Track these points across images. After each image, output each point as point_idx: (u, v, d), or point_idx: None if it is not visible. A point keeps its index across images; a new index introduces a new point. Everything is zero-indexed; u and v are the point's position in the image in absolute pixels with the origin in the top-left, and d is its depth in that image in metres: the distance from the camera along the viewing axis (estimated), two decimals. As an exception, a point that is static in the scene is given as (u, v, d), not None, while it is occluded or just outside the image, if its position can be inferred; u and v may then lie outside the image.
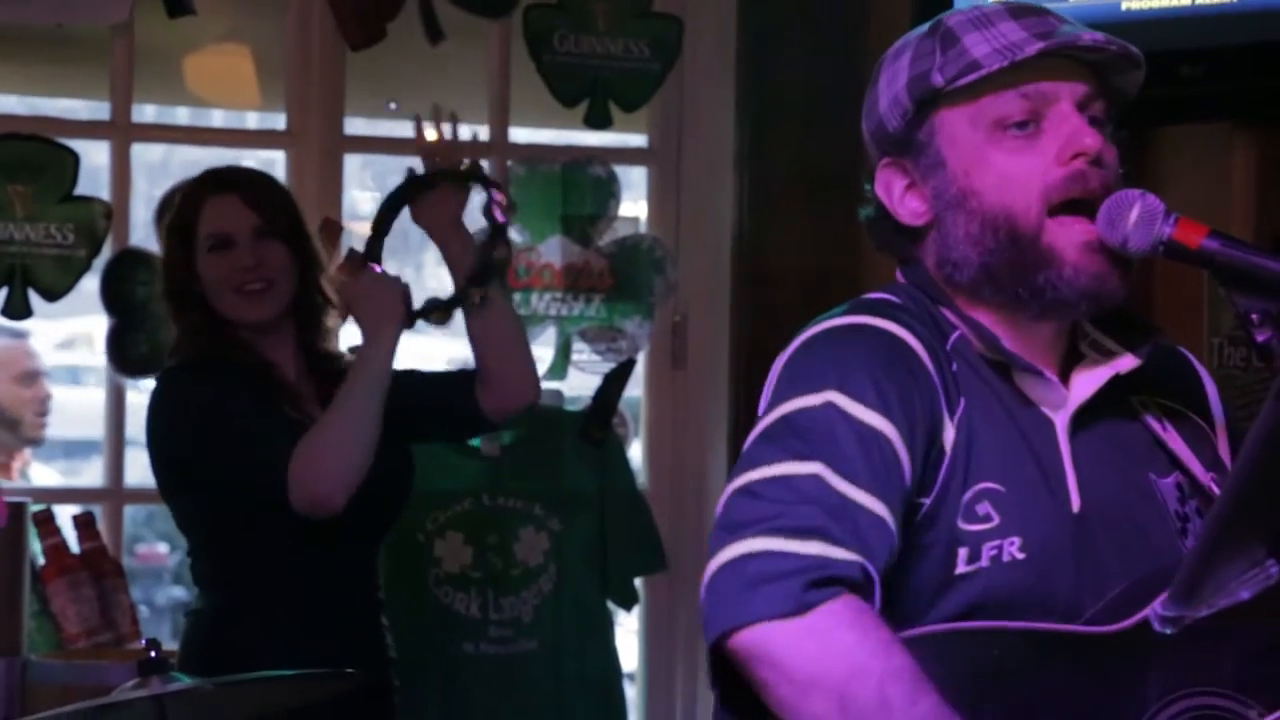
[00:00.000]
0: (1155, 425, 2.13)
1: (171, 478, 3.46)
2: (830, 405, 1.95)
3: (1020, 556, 1.98)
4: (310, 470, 3.28)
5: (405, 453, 3.55)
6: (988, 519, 1.99)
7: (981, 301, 2.08)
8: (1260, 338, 1.92)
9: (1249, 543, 1.86)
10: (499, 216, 3.55)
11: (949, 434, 2.00)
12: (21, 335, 5.32)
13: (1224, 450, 2.19)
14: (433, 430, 3.64)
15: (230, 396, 3.38)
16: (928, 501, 1.98)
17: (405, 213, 3.60)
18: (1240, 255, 1.94)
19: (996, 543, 1.98)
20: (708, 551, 1.91)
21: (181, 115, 5.83)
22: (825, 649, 1.84)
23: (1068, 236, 2.03)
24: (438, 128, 3.61)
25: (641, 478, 4.52)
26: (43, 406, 5.17)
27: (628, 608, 4.37)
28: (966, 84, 2.04)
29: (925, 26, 2.12)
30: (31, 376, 5.26)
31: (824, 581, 1.85)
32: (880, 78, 2.13)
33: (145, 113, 5.57)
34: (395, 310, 3.42)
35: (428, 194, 3.56)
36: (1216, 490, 2.09)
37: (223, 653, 3.38)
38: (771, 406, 1.99)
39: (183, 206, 3.51)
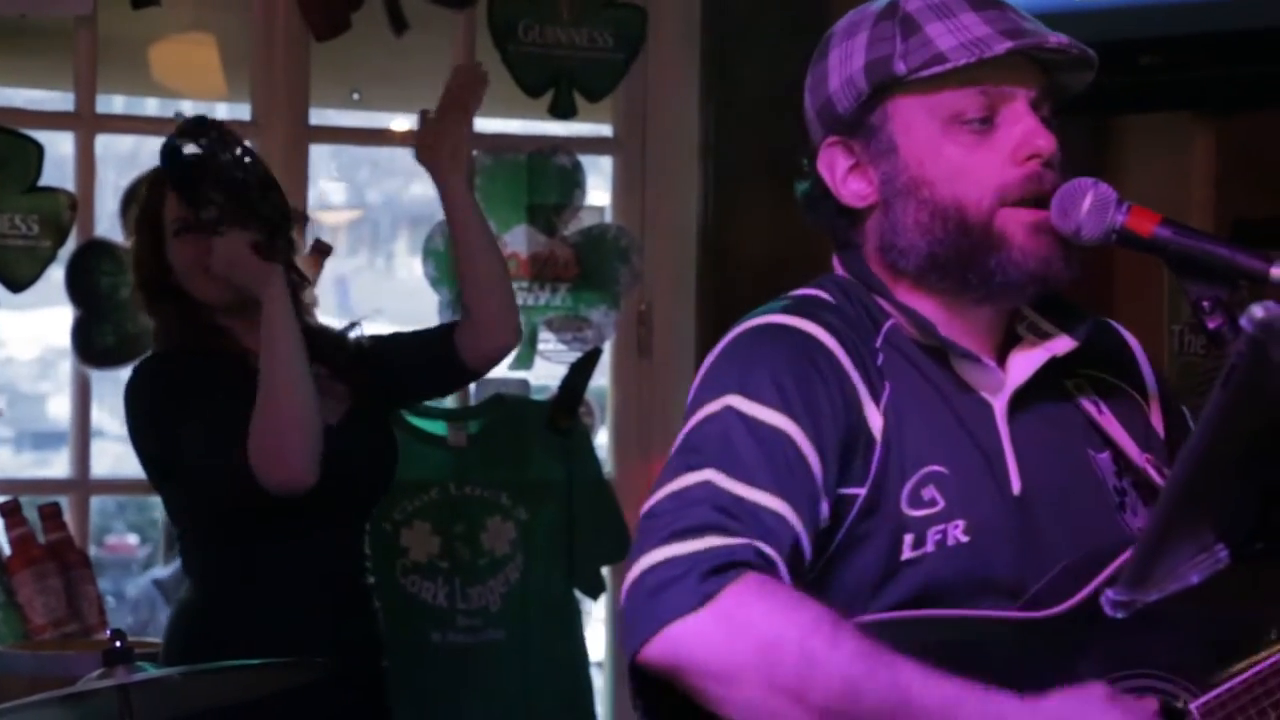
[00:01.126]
0: (1089, 405, 2.15)
1: (150, 469, 3.47)
2: (728, 409, 1.96)
3: (964, 540, 2.00)
4: (271, 454, 3.28)
5: (387, 433, 3.58)
6: (933, 503, 2.00)
7: (924, 288, 2.09)
8: (1212, 324, 1.94)
9: (1199, 527, 1.88)
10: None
11: (875, 421, 2.01)
12: None
13: (1157, 420, 2.21)
14: (419, 387, 3.71)
15: (199, 387, 3.38)
16: (863, 491, 1.99)
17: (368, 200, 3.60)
18: (1192, 243, 1.97)
19: (941, 527, 2.00)
20: None
21: (151, 107, 5.83)
22: (735, 631, 1.84)
23: (1017, 218, 2.05)
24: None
25: (608, 467, 4.53)
26: None
27: (595, 596, 4.38)
28: (929, 76, 2.05)
29: (879, 5, 2.11)
30: None
31: (719, 569, 1.85)
32: (830, 53, 2.12)
33: (114, 104, 5.57)
34: (258, 264, 3.36)
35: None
36: (1151, 470, 2.12)
37: (206, 643, 3.38)
38: (688, 415, 2.01)
39: (148, 196, 3.52)
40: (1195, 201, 3.81)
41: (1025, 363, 2.10)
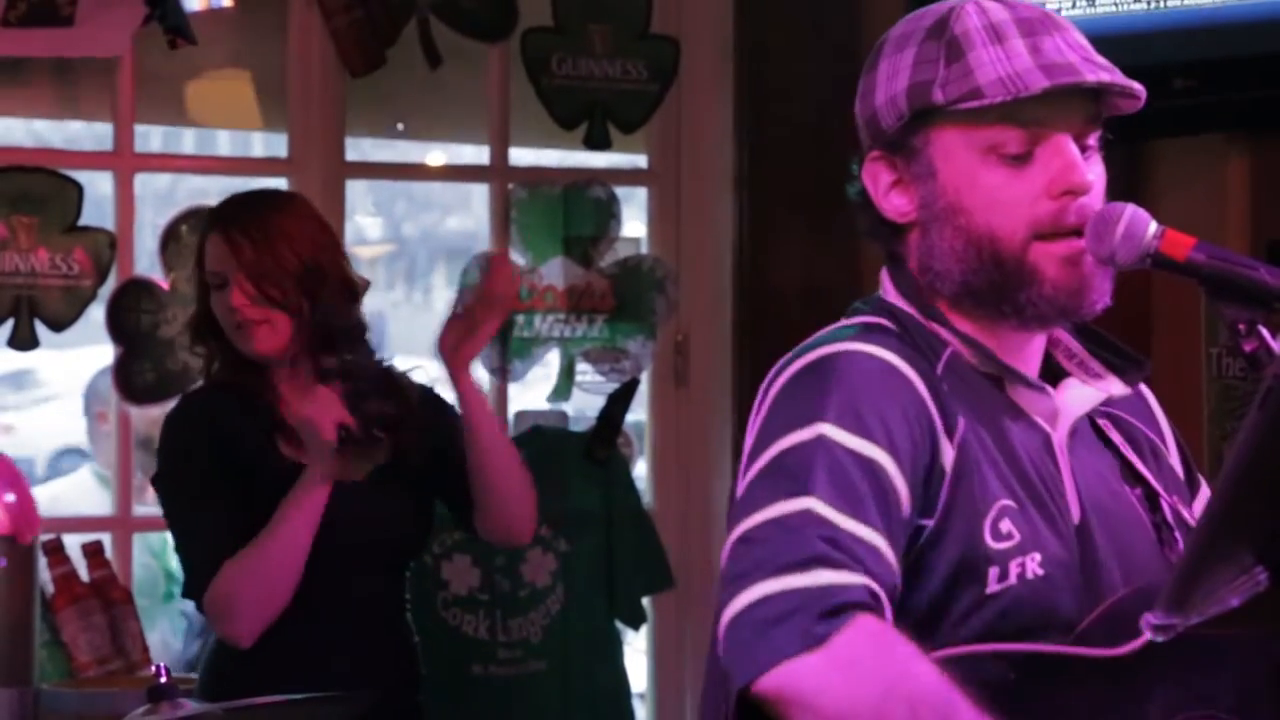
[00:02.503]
0: (1119, 443, 2.16)
1: None
2: (821, 438, 1.94)
3: (1041, 573, 2.00)
4: (225, 604, 3.33)
5: (418, 496, 3.53)
6: (1010, 536, 2.00)
7: (960, 312, 2.10)
8: (1248, 347, 1.94)
9: (1237, 550, 1.87)
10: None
11: (948, 455, 2.00)
12: None
13: (1175, 464, 2.22)
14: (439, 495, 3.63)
15: (205, 458, 3.39)
16: (931, 523, 1.98)
17: (413, 235, 3.60)
18: (1226, 266, 1.96)
19: (1020, 560, 2.00)
20: (717, 606, 1.91)
21: (188, 139, 5.87)
22: (850, 679, 1.83)
23: (1050, 252, 2.05)
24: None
25: (647, 497, 4.54)
26: None
27: (636, 627, 4.39)
28: (965, 109, 2.05)
29: (934, 16, 2.10)
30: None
31: (835, 610, 1.85)
32: (880, 65, 2.12)
33: (151, 136, 5.61)
34: (329, 441, 3.30)
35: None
36: (1181, 508, 2.13)
37: (238, 684, 3.38)
38: (762, 441, 1.98)
39: (198, 243, 3.54)
40: (1230, 224, 3.81)
41: (1079, 397, 2.12)
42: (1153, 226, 2.01)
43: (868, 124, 2.13)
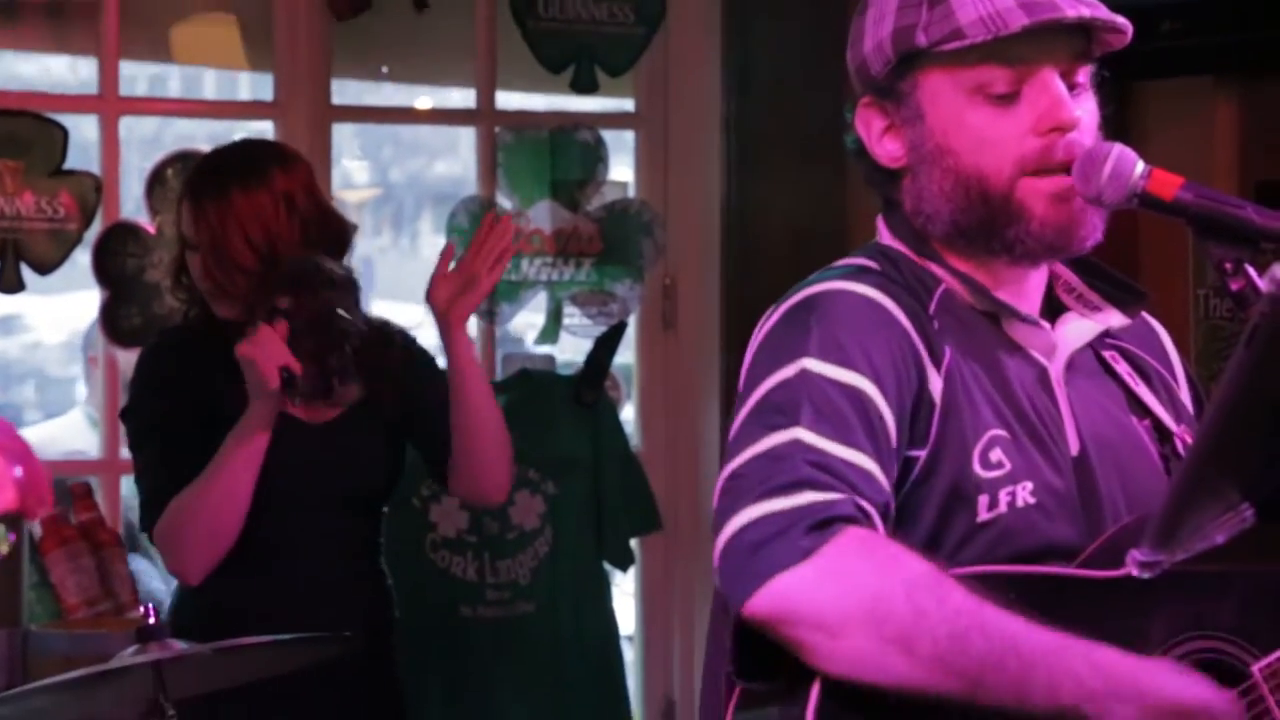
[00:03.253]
0: (1126, 376, 2.17)
1: None
2: (804, 372, 1.97)
3: (1032, 501, 2.02)
4: (171, 540, 3.35)
5: (386, 439, 3.52)
6: (1000, 465, 2.01)
7: (954, 252, 2.11)
8: (1235, 286, 1.94)
9: (1224, 486, 1.89)
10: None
11: (936, 384, 2.02)
12: None
13: (1186, 397, 2.23)
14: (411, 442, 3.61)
15: (169, 396, 3.40)
16: (923, 454, 2.00)
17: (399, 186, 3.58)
18: (1214, 205, 1.97)
19: (1010, 488, 2.01)
20: (714, 538, 1.93)
21: (174, 83, 5.84)
22: (842, 585, 1.85)
23: (1037, 188, 2.06)
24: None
25: (635, 440, 4.55)
26: None
27: (624, 568, 4.40)
28: (949, 50, 2.05)
29: None
30: None
31: (820, 524, 1.87)
32: (867, 11, 2.14)
33: (137, 80, 5.58)
34: (266, 379, 3.26)
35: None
36: (1187, 440, 2.13)
37: (209, 626, 3.39)
38: (750, 383, 2.01)
39: (178, 202, 3.54)
40: (1218, 165, 3.81)
41: (1077, 330, 2.13)
42: (1140, 166, 2.01)
43: (858, 71, 2.15)
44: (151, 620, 2.92)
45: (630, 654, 4.58)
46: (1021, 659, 1.85)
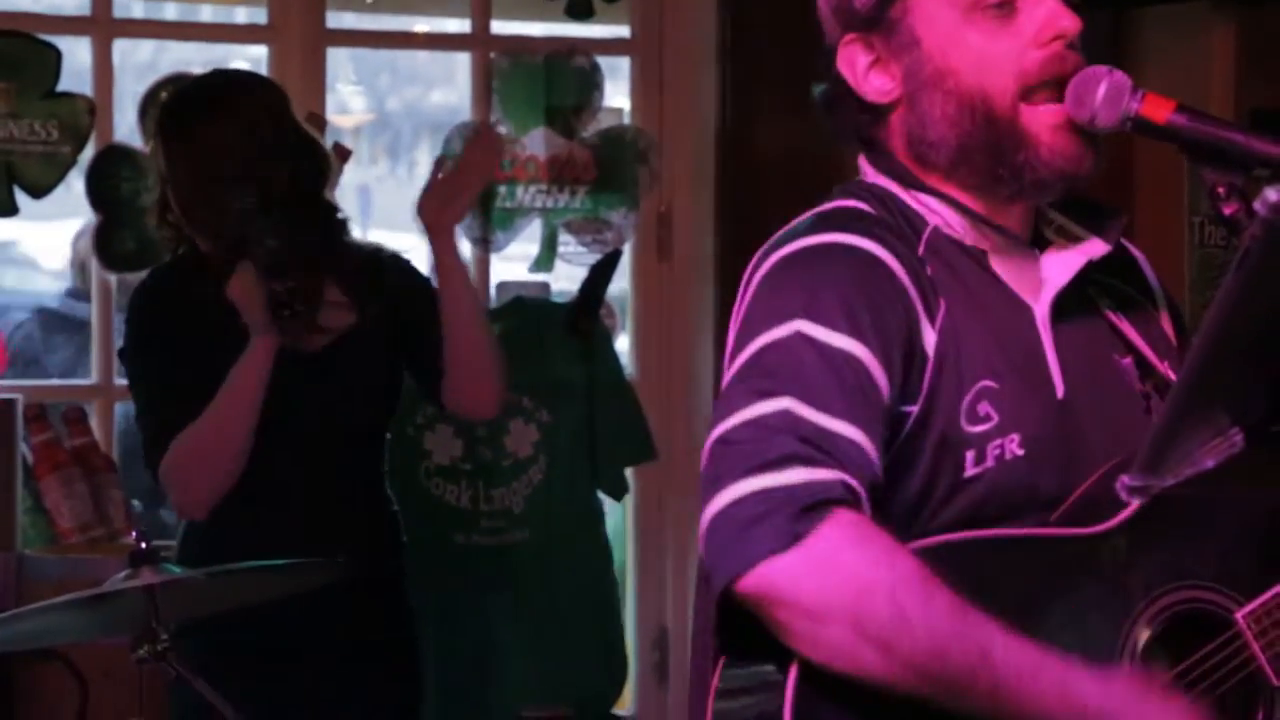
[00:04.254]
0: (1109, 312, 2.15)
1: None
2: (797, 334, 1.94)
3: (1020, 453, 2.00)
4: (176, 475, 3.36)
5: (383, 363, 3.54)
6: (988, 419, 1.99)
7: (955, 182, 2.07)
8: (1227, 210, 1.93)
9: (1214, 412, 1.88)
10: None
11: (930, 338, 1.99)
12: None
13: (1167, 327, 2.21)
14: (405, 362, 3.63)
15: (165, 334, 3.42)
16: (915, 409, 1.98)
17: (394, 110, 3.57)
18: (1207, 129, 1.95)
19: (999, 441, 1.99)
20: (700, 507, 1.92)
21: (170, 11, 5.81)
22: (829, 574, 1.84)
23: (1040, 119, 2.03)
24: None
25: (629, 369, 4.54)
26: None
27: (618, 497, 4.40)
28: None
29: None
30: None
31: (811, 507, 1.85)
32: None
33: (133, 8, 5.56)
34: (259, 314, 3.32)
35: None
36: (1171, 374, 2.11)
37: (218, 553, 3.41)
38: (742, 339, 1.98)
39: (155, 145, 3.54)
40: (1214, 91, 3.79)
41: (1061, 264, 2.09)
42: (1133, 89, 1.99)
43: (837, 10, 2.10)
44: (144, 545, 2.93)
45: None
46: (994, 676, 1.84)
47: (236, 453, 3.33)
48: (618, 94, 4.69)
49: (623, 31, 4.68)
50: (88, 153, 4.18)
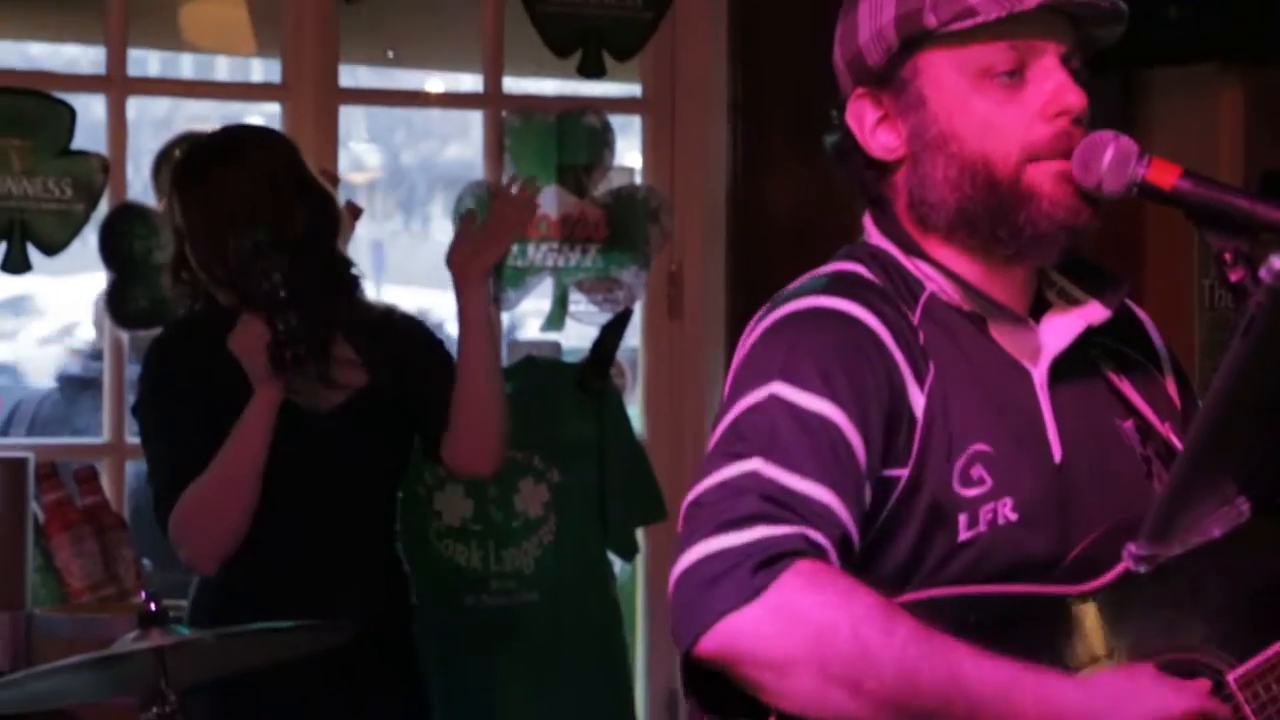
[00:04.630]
0: (1111, 374, 2.15)
1: None
2: (772, 397, 1.95)
3: (1014, 517, 2.00)
4: (185, 529, 3.36)
5: (392, 426, 3.54)
6: (981, 482, 2.00)
7: (955, 245, 2.08)
8: (1234, 277, 1.93)
9: (1220, 480, 1.88)
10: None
11: (918, 402, 2.00)
12: None
13: (1172, 390, 2.21)
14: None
15: (178, 390, 3.42)
16: (904, 472, 1.98)
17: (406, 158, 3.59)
18: (1213, 195, 1.96)
19: (991, 505, 1.99)
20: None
21: (186, 66, 5.85)
22: (788, 622, 1.84)
23: (1043, 170, 2.03)
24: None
25: (640, 428, 4.54)
26: None
27: (629, 558, 4.39)
28: (959, 30, 2.03)
29: None
30: None
31: (770, 560, 1.85)
32: (860, 5, 2.10)
33: (149, 61, 5.59)
34: (261, 366, 3.32)
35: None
36: (1173, 438, 2.11)
37: (228, 613, 3.41)
38: (725, 405, 2.00)
39: (170, 199, 3.54)
40: (1223, 154, 3.79)
41: (1061, 329, 2.09)
42: (1140, 154, 2.00)
43: (850, 64, 2.11)
44: (153, 607, 2.93)
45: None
46: (969, 698, 1.84)
47: (243, 506, 3.33)
48: (629, 152, 4.71)
49: (634, 90, 4.70)
50: (101, 210, 4.19)
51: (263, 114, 4.72)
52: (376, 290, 3.64)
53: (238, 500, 3.33)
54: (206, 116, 6.15)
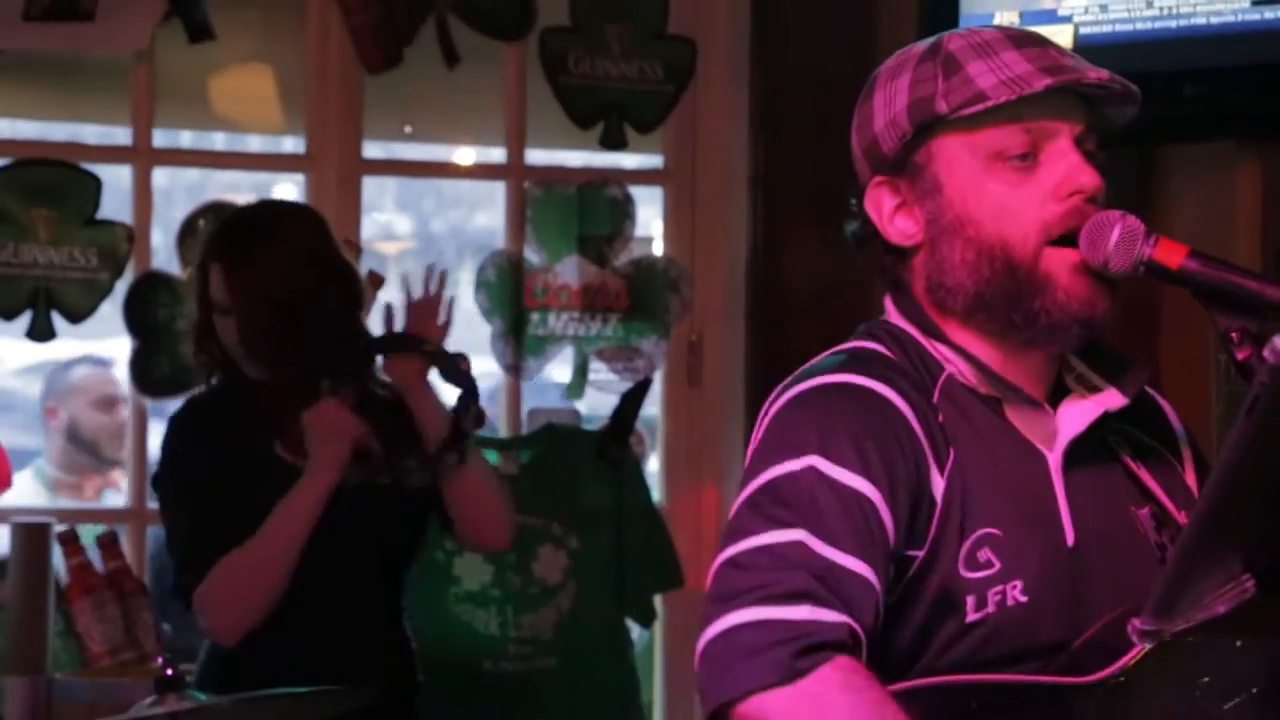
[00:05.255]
0: (1129, 461, 2.16)
1: None
2: (811, 469, 1.96)
3: (1023, 600, 2.01)
4: (213, 602, 3.38)
5: (412, 504, 3.55)
6: (989, 565, 2.01)
7: (973, 328, 2.10)
8: (1240, 356, 1.95)
9: (1224, 557, 1.89)
10: (464, 384, 3.46)
11: (938, 486, 2.02)
12: (105, 363, 5.43)
13: (1191, 480, 2.21)
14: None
15: (200, 461, 3.43)
16: (921, 553, 2.00)
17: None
18: (1220, 275, 1.97)
19: (1000, 587, 2.01)
20: (700, 622, 1.93)
21: (218, 140, 5.89)
22: (820, 715, 1.86)
23: (1060, 259, 2.05)
24: (426, 287, 3.62)
25: (659, 495, 4.56)
26: (120, 432, 5.25)
27: (647, 625, 4.40)
28: (970, 114, 2.05)
29: (923, 46, 2.13)
30: (110, 402, 5.36)
31: (814, 647, 1.87)
32: (875, 95, 2.13)
33: (181, 139, 5.64)
34: (343, 451, 3.39)
35: (397, 355, 3.53)
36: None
37: (227, 680, 3.42)
38: (755, 467, 2.00)
39: (198, 269, 3.57)
40: (1240, 231, 3.79)
41: (1077, 414, 2.10)
42: (1146, 234, 2.01)
43: (867, 152, 2.14)
44: (169, 672, 2.95)
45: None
46: None
47: (279, 584, 3.35)
48: (650, 222, 4.73)
49: (656, 161, 4.73)
50: (126, 278, 4.22)
51: (293, 183, 4.76)
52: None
53: (274, 577, 3.35)
54: (238, 185, 6.19)
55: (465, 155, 5.50)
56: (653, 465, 4.68)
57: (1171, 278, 2.00)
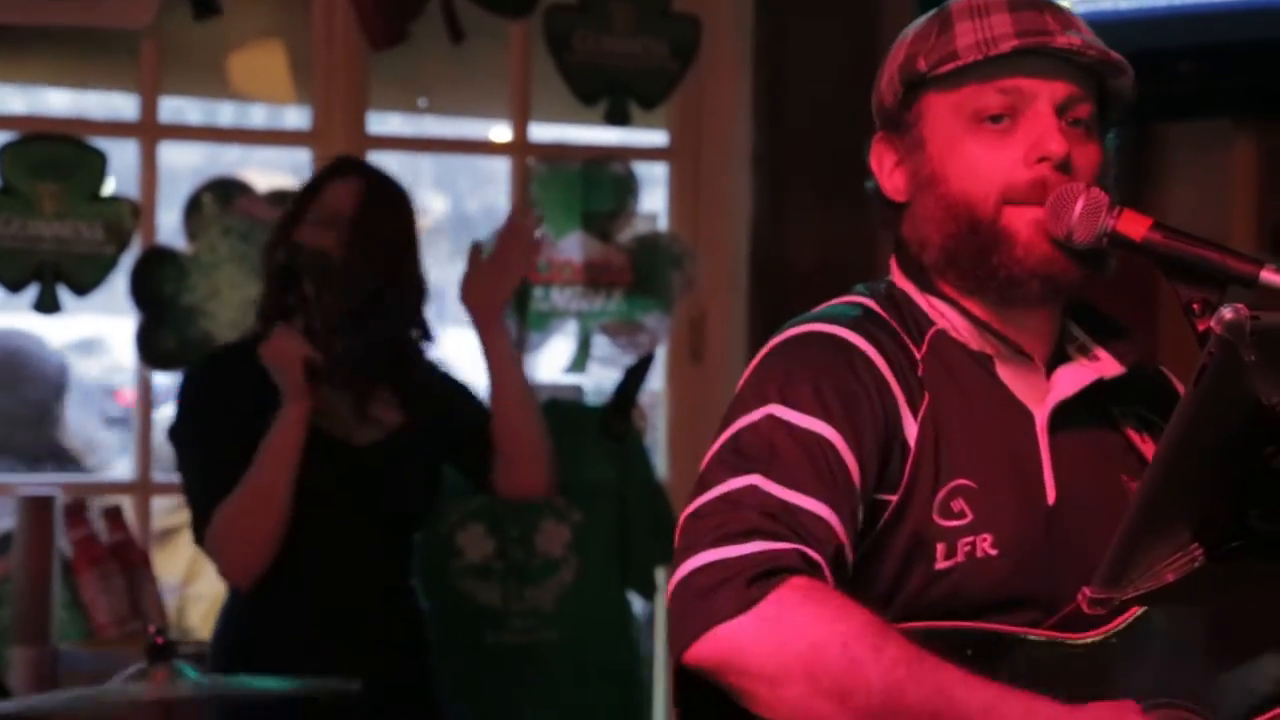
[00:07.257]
0: (1133, 434, 2.16)
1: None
2: (769, 417, 1.99)
3: (993, 553, 2.02)
4: (217, 547, 3.44)
5: (428, 463, 3.59)
6: (961, 515, 2.02)
7: (949, 284, 2.11)
8: (1201, 327, 1.95)
9: (1174, 527, 1.89)
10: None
11: (911, 430, 2.03)
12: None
13: None
14: (454, 460, 3.70)
15: (214, 414, 3.49)
16: (895, 498, 2.02)
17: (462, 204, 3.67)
18: (1183, 246, 1.97)
19: (970, 539, 2.02)
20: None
21: (225, 114, 5.90)
22: (781, 635, 1.87)
23: (1021, 216, 2.06)
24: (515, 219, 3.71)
25: (661, 469, 4.57)
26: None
27: (648, 597, 4.42)
28: (950, 72, 2.08)
29: (941, 7, 2.15)
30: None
31: (766, 574, 1.88)
32: (891, 52, 2.17)
33: (187, 109, 5.65)
34: (296, 375, 3.41)
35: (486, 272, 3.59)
36: None
37: (248, 646, 3.46)
38: (726, 421, 2.04)
39: (303, 194, 3.65)
40: (1236, 208, 3.80)
41: (1071, 379, 2.12)
42: (1110, 205, 2.02)
43: (877, 110, 2.18)
44: (159, 641, 2.97)
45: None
46: (956, 713, 1.86)
47: (274, 519, 3.39)
48: (654, 199, 4.75)
49: (660, 138, 4.74)
50: (131, 253, 4.25)
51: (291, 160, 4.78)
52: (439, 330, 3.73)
53: (268, 513, 3.38)
54: (248, 161, 6.21)
55: (503, 133, 5.53)
56: (655, 440, 4.69)
57: (1135, 249, 2.00)
